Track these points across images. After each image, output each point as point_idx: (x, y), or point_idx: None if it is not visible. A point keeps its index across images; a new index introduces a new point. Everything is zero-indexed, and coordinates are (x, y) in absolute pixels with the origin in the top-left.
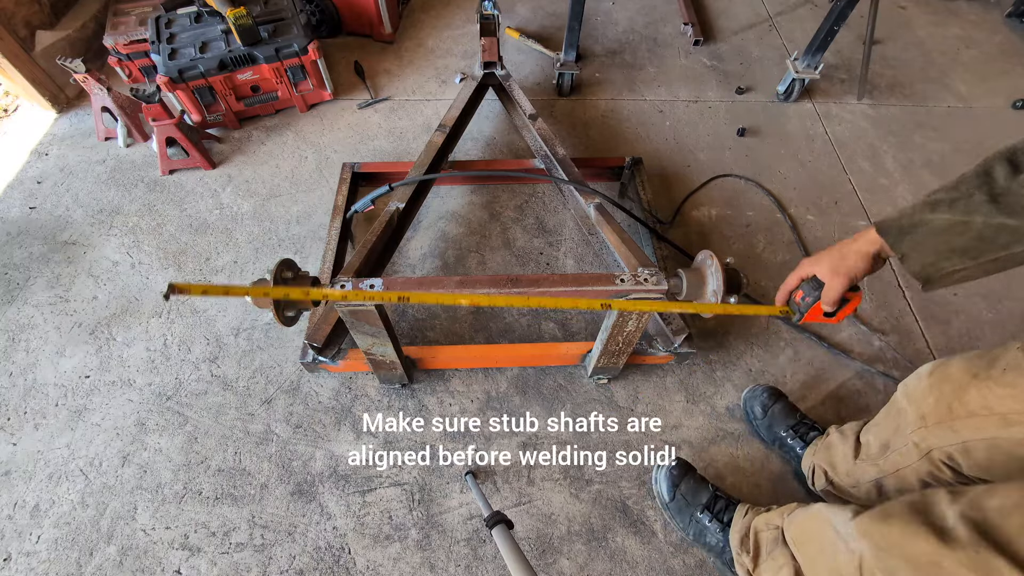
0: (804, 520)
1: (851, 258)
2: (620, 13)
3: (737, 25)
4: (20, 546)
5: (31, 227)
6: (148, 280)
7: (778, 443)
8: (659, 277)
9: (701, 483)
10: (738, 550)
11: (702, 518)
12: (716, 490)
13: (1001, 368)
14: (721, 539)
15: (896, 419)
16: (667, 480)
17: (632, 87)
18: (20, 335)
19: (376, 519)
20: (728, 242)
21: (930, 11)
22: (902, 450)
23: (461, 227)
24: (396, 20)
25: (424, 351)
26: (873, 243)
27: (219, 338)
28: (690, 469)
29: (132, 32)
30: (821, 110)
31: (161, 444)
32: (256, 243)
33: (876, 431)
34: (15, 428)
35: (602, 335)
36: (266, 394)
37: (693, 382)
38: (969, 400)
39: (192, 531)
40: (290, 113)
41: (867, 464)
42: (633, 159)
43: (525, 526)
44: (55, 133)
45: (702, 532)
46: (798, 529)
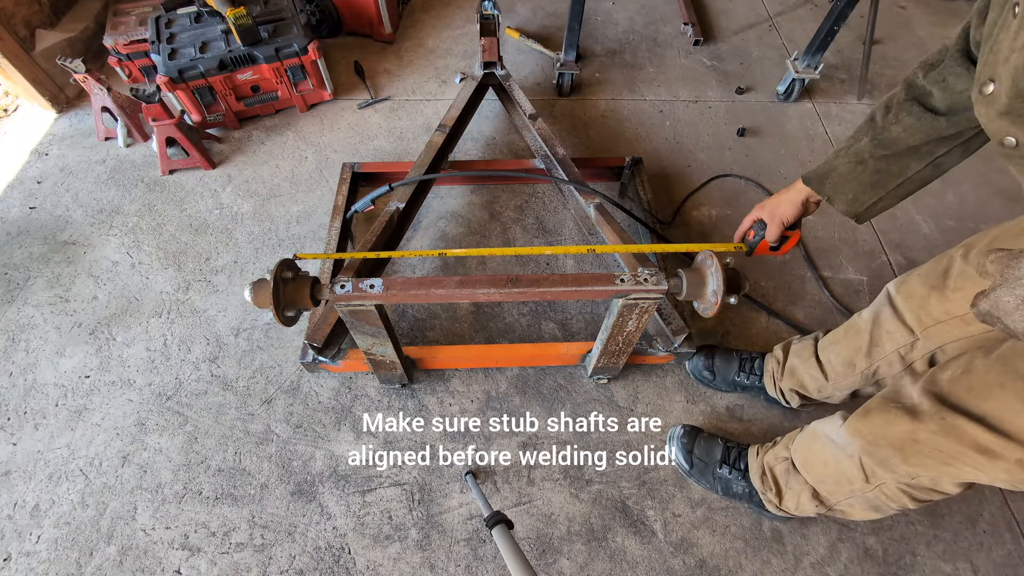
0: (804, 443)
1: (783, 205)
2: (620, 13)
3: (737, 25)
4: (20, 546)
5: (31, 227)
6: (148, 280)
7: (739, 387)
8: (659, 277)
9: (711, 440)
10: (761, 489)
11: (722, 472)
12: (726, 442)
13: (953, 277)
14: (745, 485)
15: (859, 339)
16: (680, 449)
17: (632, 87)
18: (20, 335)
19: (376, 519)
20: (728, 242)
21: (930, 11)
22: (883, 364)
23: (461, 227)
24: (396, 20)
25: (424, 351)
26: (801, 192)
27: (219, 338)
28: (698, 432)
29: (132, 32)
30: (821, 110)
31: (161, 444)
32: (256, 243)
33: (836, 350)
34: (15, 428)
35: (602, 335)
36: (266, 394)
37: (693, 382)
38: (932, 309)
39: (192, 531)
40: (290, 113)
41: (840, 380)
42: (633, 159)
43: (525, 526)
44: (55, 133)
45: (728, 485)
46: (802, 454)
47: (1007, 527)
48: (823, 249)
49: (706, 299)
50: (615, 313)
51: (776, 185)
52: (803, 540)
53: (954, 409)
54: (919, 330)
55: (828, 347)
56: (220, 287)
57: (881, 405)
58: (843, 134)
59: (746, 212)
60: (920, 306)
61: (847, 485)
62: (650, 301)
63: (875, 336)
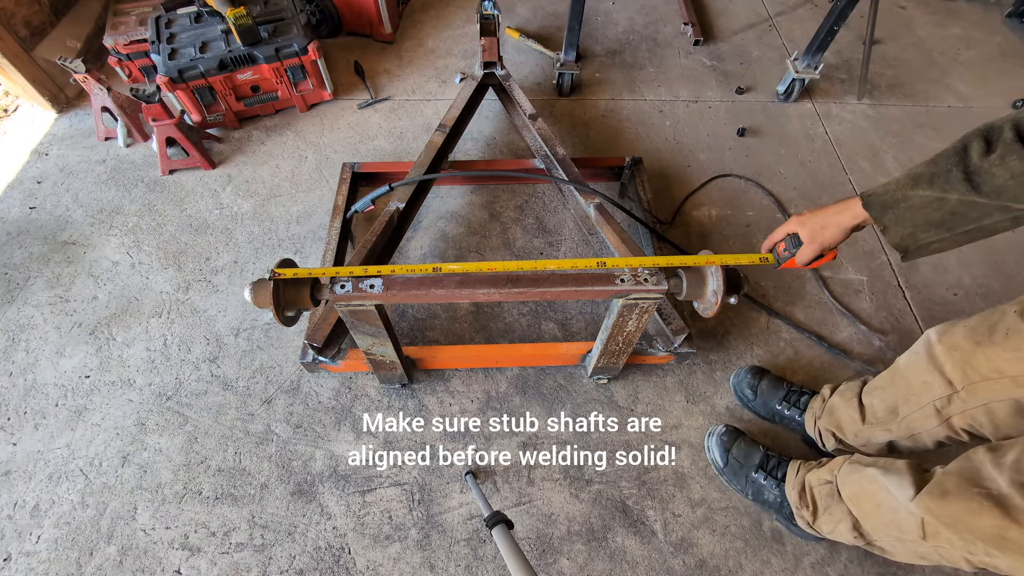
0: (859, 482)
1: (830, 230)
2: (620, 13)
3: (737, 25)
4: (20, 546)
5: (31, 227)
6: (148, 280)
7: (777, 417)
8: (659, 277)
9: (752, 445)
10: (797, 504)
11: (757, 477)
12: (767, 450)
13: (1003, 333)
14: (778, 495)
15: (902, 387)
16: (719, 447)
17: (632, 87)
18: (20, 335)
19: (376, 519)
20: (728, 242)
21: (930, 11)
22: (918, 416)
23: (461, 227)
24: (396, 20)
25: (424, 351)
26: (856, 218)
27: (219, 338)
28: (740, 434)
29: (132, 32)
30: (821, 110)
31: (161, 444)
32: (256, 243)
33: (880, 395)
34: (15, 428)
35: (602, 335)
36: (266, 394)
37: (693, 382)
38: (979, 365)
39: (192, 531)
40: (290, 113)
41: (877, 428)
42: (633, 159)
43: (525, 526)
44: (55, 133)
45: (759, 491)
46: (853, 489)
47: None
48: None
49: (706, 299)
50: (615, 313)
51: (776, 185)
52: (803, 540)
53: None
54: (961, 384)
55: (872, 391)
56: (220, 287)
57: (961, 489)
58: (843, 134)
59: (746, 212)
60: (965, 360)
61: (898, 532)
62: (650, 301)
63: (911, 384)
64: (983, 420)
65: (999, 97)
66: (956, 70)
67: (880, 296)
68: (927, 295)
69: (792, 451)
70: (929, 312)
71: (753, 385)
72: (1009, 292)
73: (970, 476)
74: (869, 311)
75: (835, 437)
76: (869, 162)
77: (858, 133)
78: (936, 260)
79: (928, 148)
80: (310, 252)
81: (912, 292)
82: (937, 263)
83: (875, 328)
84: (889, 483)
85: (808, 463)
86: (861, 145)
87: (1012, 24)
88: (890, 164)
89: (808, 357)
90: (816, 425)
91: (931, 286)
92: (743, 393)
